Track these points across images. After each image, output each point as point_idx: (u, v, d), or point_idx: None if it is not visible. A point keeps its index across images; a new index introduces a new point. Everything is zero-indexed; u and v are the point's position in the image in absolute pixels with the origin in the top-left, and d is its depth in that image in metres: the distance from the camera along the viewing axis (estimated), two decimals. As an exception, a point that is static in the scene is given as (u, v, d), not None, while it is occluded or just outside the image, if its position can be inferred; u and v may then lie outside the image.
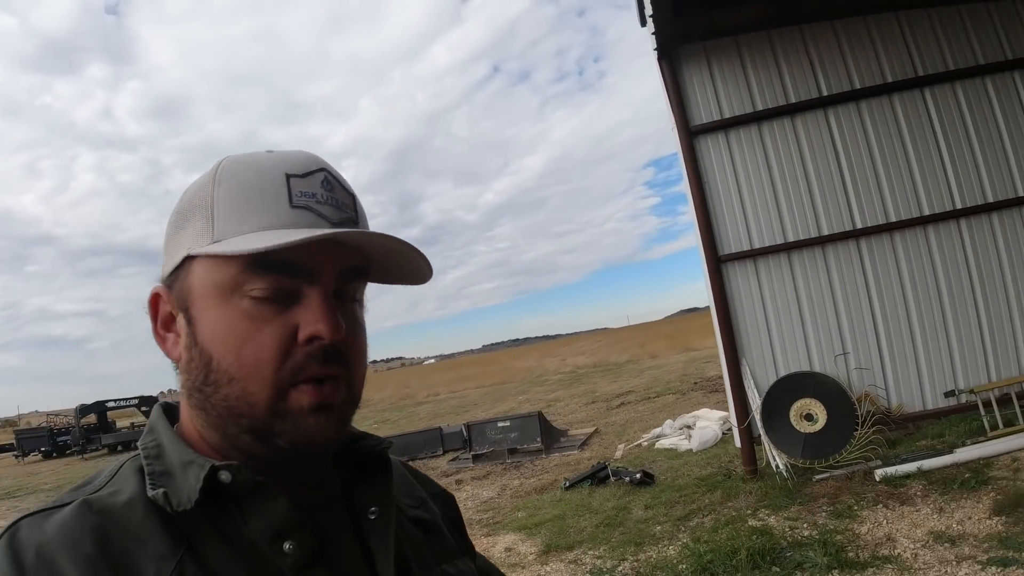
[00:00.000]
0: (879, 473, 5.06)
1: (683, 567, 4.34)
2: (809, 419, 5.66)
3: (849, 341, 5.93)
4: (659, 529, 5.26)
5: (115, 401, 25.84)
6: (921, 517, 4.28)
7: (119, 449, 24.10)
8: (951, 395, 5.70)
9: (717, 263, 6.18)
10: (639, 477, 6.63)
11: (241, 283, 0.56)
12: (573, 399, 16.92)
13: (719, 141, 6.23)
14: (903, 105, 5.86)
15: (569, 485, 7.16)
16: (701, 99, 6.25)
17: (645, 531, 5.27)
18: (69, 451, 25.68)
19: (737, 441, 6.29)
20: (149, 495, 0.56)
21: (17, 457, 27.43)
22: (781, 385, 5.89)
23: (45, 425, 30.78)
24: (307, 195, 0.58)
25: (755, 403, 5.92)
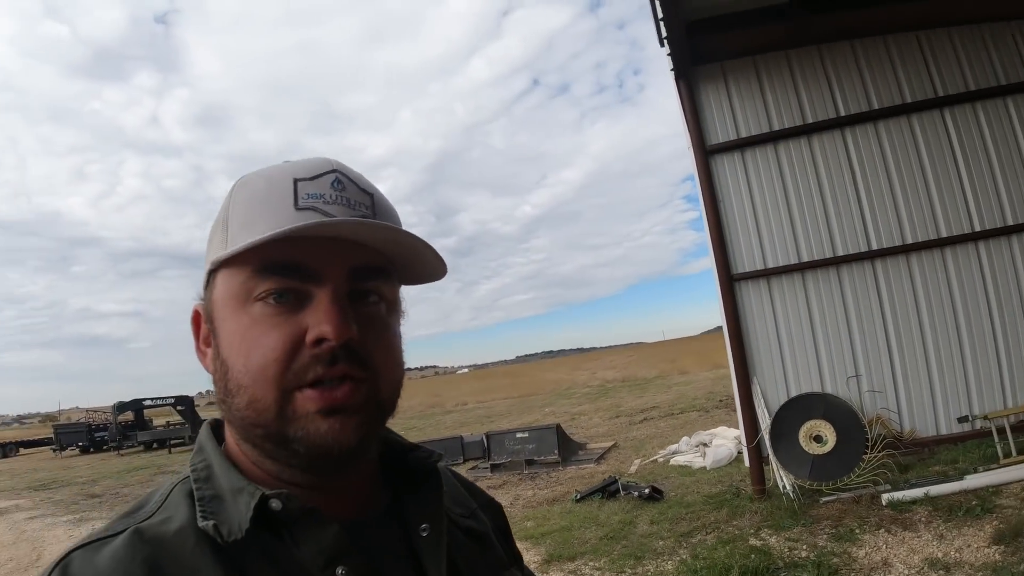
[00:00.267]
0: (886, 497, 5.00)
1: (681, 584, 4.38)
2: (818, 440, 5.62)
3: (862, 363, 5.87)
4: (661, 544, 5.28)
5: (152, 400, 26.64)
6: (921, 543, 4.23)
7: (154, 446, 24.87)
8: (964, 420, 5.59)
9: (730, 282, 6.19)
10: (647, 492, 6.65)
11: (250, 289, 0.56)
12: (597, 413, 16.89)
13: (735, 160, 6.26)
14: (922, 125, 5.80)
15: (580, 497, 7.20)
16: (718, 118, 6.30)
17: (647, 545, 5.30)
18: (106, 447, 26.52)
19: (746, 460, 6.26)
20: (200, 526, 0.55)
21: (55, 451, 28.51)
22: (791, 405, 5.86)
23: (83, 421, 31.89)
24: (313, 196, 0.57)
25: (765, 422, 5.90)
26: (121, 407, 26.36)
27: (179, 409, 25.56)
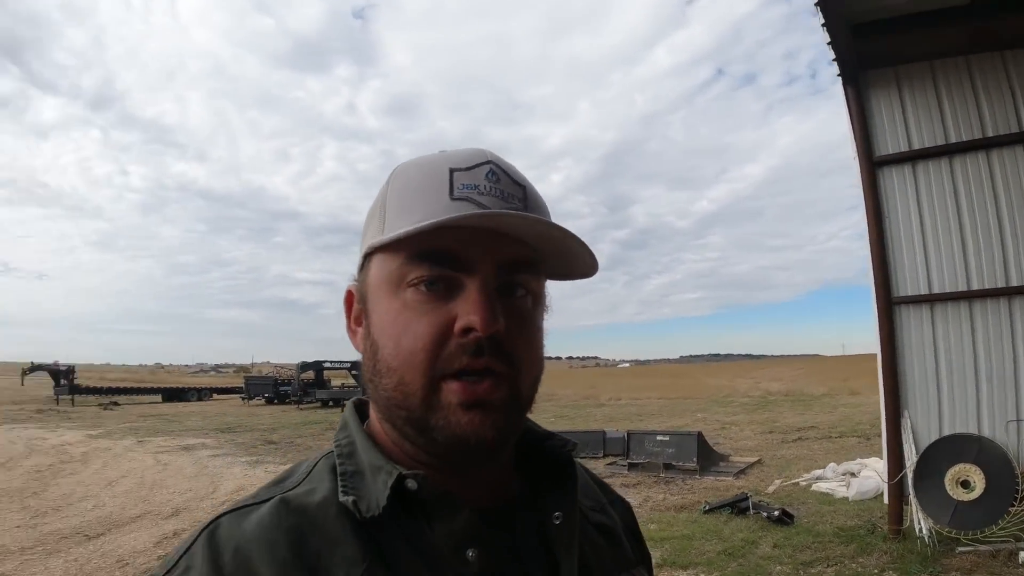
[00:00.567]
0: (1023, 556, 4.51)
1: (781, 609, 4.32)
2: (965, 486, 5.15)
3: (1027, 408, 5.22)
4: (778, 569, 5.18)
5: (331, 362, 29.66)
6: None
7: (330, 404, 27.67)
8: None
9: (889, 305, 5.78)
10: (777, 514, 6.46)
11: (405, 275, 0.57)
12: (750, 425, 16.20)
13: (904, 174, 5.80)
14: None
15: (708, 509, 7.16)
16: (888, 128, 5.86)
17: (763, 568, 5.22)
18: (288, 400, 29.93)
19: (886, 497, 5.86)
20: (340, 500, 0.57)
21: (243, 399, 32.72)
22: (942, 445, 5.39)
23: (271, 375, 36.36)
24: (469, 187, 0.58)
25: (911, 459, 5.49)
26: (304, 366, 29.71)
27: (353, 374, 28.12)
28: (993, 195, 5.45)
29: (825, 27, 5.06)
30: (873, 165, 5.90)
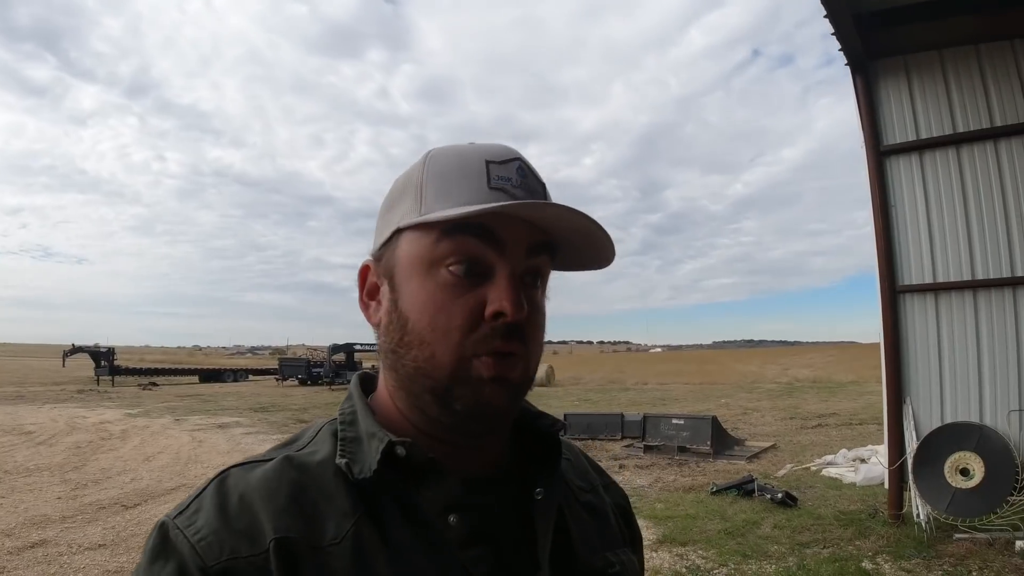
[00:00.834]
0: (1019, 545, 4.60)
1: (771, 585, 4.50)
2: (964, 474, 5.23)
3: (1031, 398, 5.26)
4: (774, 548, 5.34)
5: (361, 345, 30.34)
6: (1038, 599, 3.91)
7: (362, 385, 28.43)
8: None
9: (893, 293, 5.85)
10: (780, 497, 6.61)
11: (441, 255, 0.60)
12: (772, 412, 16.21)
13: (911, 163, 5.83)
14: None
15: (715, 490, 7.33)
16: (896, 117, 5.88)
17: (761, 547, 5.39)
18: (321, 381, 30.68)
19: (886, 482, 5.97)
20: (337, 462, 0.62)
21: (278, 380, 33.64)
22: (943, 432, 5.48)
23: (304, 357, 37.23)
24: (503, 179, 0.62)
25: (911, 446, 5.59)
26: (335, 348, 30.47)
27: None
28: (1000, 185, 5.46)
29: (828, 18, 5.09)
30: (880, 155, 5.94)
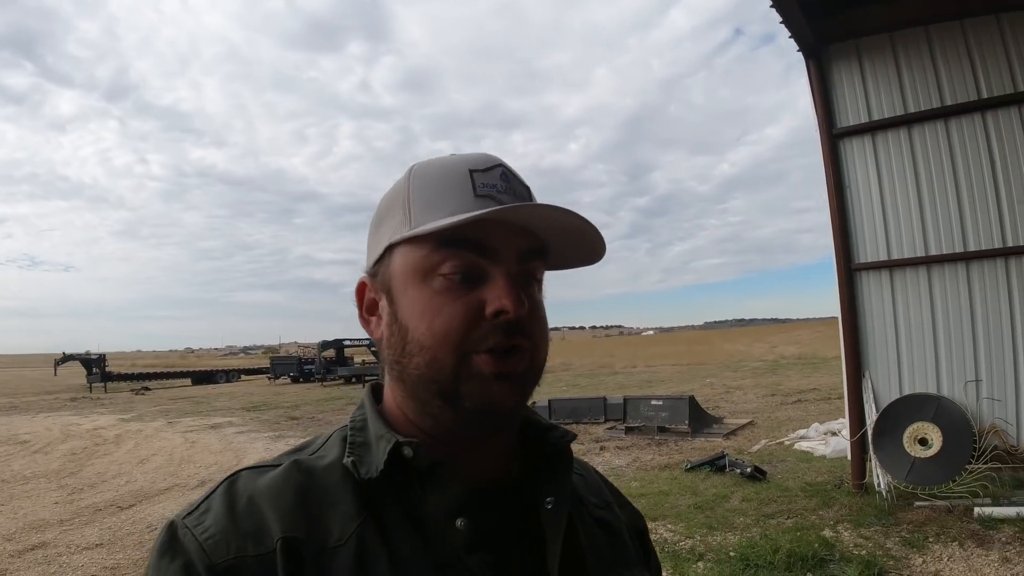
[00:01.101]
0: (978, 512, 4.78)
1: (732, 554, 4.68)
2: (923, 443, 5.43)
3: (984, 368, 5.42)
4: (740, 520, 5.53)
5: (350, 340, 30.39)
6: (982, 563, 4.09)
7: (352, 380, 28.57)
8: None
9: (849, 271, 6.01)
10: (750, 471, 6.82)
11: (434, 264, 0.61)
12: (755, 389, 16.50)
13: (864, 145, 5.97)
14: None
15: (690, 467, 7.53)
16: (849, 100, 6.01)
17: (728, 520, 5.58)
18: (312, 378, 30.73)
19: (848, 454, 6.17)
20: (344, 462, 0.63)
21: (270, 379, 33.76)
22: (901, 404, 5.67)
23: (295, 355, 37.25)
24: (488, 186, 0.62)
25: (872, 418, 5.77)
26: (324, 345, 30.50)
27: (373, 350, 28.86)
28: (951, 164, 5.61)
29: (775, 8, 5.20)
30: (833, 137, 6.08)
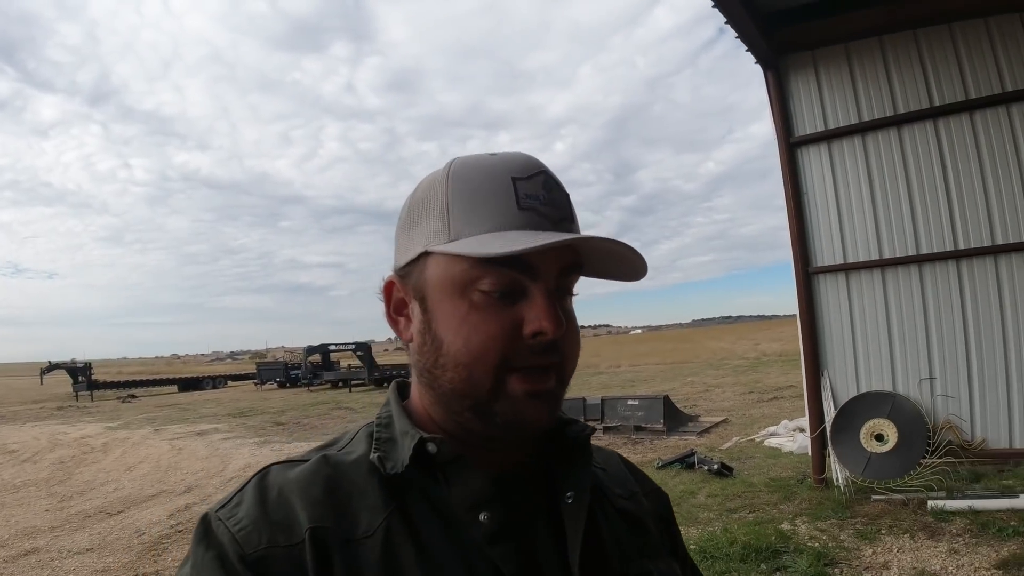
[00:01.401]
0: (931, 504, 5.00)
1: (692, 546, 4.87)
2: (879, 439, 5.65)
3: (937, 366, 5.67)
4: (704, 515, 5.73)
5: (336, 345, 30.41)
6: (931, 554, 4.28)
7: (339, 385, 28.58)
8: None
9: (807, 275, 6.23)
10: (717, 467, 7.03)
11: (474, 279, 0.60)
12: (734, 387, 16.78)
13: (821, 152, 6.19)
14: (1022, 117, 5.31)
15: (661, 465, 7.73)
16: (806, 110, 6.22)
17: (692, 515, 5.78)
18: (299, 383, 30.69)
19: (809, 450, 6.40)
20: (370, 458, 0.65)
21: (256, 385, 33.60)
22: (858, 401, 5.89)
23: (281, 360, 37.02)
24: (532, 197, 0.61)
25: (830, 415, 6.00)
26: (310, 350, 30.45)
27: (359, 354, 28.83)
28: (904, 170, 5.84)
29: (729, 24, 5.39)
30: (791, 146, 6.30)
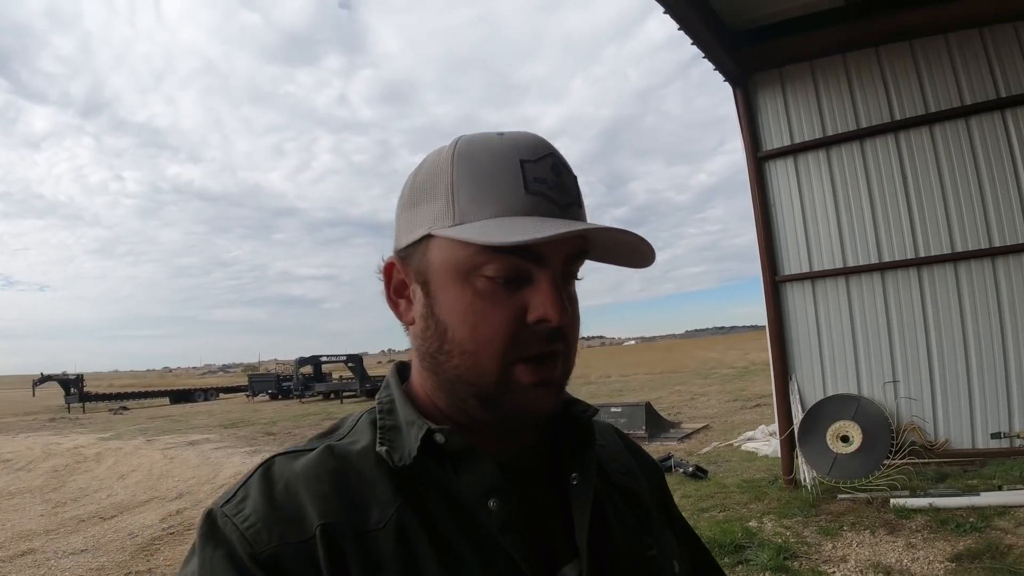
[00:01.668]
0: (894, 503, 5.17)
1: (661, 547, 5.01)
2: (845, 440, 5.83)
3: (900, 370, 5.86)
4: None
5: (327, 356, 30.53)
6: (888, 548, 4.43)
7: (331, 396, 28.63)
8: (997, 437, 5.44)
9: (775, 283, 6.42)
10: (691, 470, 7.19)
11: (479, 264, 0.59)
12: (719, 395, 16.95)
13: (787, 166, 6.39)
14: (980, 129, 5.49)
15: (640, 471, 7.87)
16: (773, 125, 6.42)
17: (666, 517, 5.91)
18: (291, 395, 30.74)
19: (778, 452, 6.58)
20: (377, 450, 0.63)
21: (248, 397, 33.58)
22: (825, 404, 6.07)
23: (273, 372, 37.04)
24: (540, 181, 0.60)
25: (798, 418, 6.17)
26: (301, 362, 30.54)
27: (350, 366, 28.88)
28: (867, 182, 6.05)
29: (696, 45, 5.61)
30: (759, 160, 6.51)
